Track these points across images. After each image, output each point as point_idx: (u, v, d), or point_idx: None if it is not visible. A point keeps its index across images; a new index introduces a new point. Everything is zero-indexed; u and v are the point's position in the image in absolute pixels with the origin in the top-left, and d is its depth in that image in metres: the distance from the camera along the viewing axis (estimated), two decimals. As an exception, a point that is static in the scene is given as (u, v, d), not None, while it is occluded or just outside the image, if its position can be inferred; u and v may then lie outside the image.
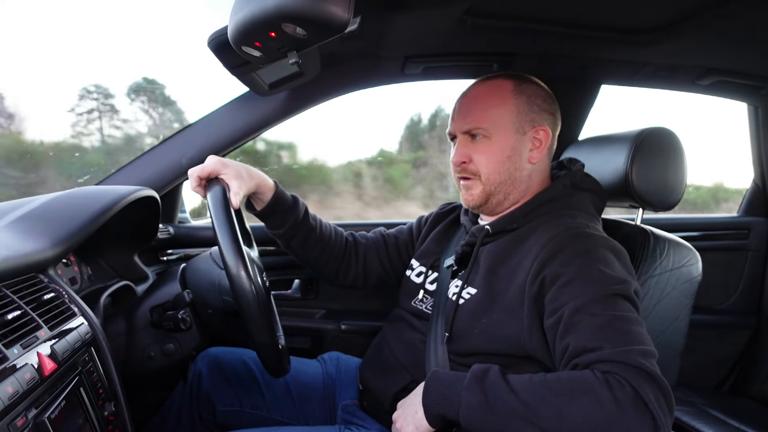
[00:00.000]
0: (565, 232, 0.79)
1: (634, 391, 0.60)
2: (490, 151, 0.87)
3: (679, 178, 0.99)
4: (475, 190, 0.90)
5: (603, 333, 0.66)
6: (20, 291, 0.63)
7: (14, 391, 0.50)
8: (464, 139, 0.90)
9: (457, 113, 0.91)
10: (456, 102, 0.94)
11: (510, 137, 0.87)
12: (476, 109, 0.88)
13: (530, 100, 0.88)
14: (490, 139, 0.87)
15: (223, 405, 1.01)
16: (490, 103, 0.88)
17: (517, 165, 0.88)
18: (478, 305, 0.82)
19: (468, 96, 0.91)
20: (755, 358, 1.60)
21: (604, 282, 0.71)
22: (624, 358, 0.63)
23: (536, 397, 0.64)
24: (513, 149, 0.88)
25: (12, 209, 0.81)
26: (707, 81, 1.31)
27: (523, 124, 0.88)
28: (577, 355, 0.67)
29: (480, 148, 0.88)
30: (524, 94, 0.88)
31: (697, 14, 0.94)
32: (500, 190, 0.89)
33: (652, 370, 0.62)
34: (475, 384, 0.69)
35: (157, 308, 0.93)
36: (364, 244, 1.11)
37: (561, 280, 0.73)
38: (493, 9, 0.96)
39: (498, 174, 0.88)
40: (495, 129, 0.87)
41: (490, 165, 0.88)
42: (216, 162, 0.86)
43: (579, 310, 0.69)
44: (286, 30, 0.63)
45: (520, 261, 0.81)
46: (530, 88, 0.89)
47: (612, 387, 0.61)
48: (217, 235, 0.73)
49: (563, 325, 0.70)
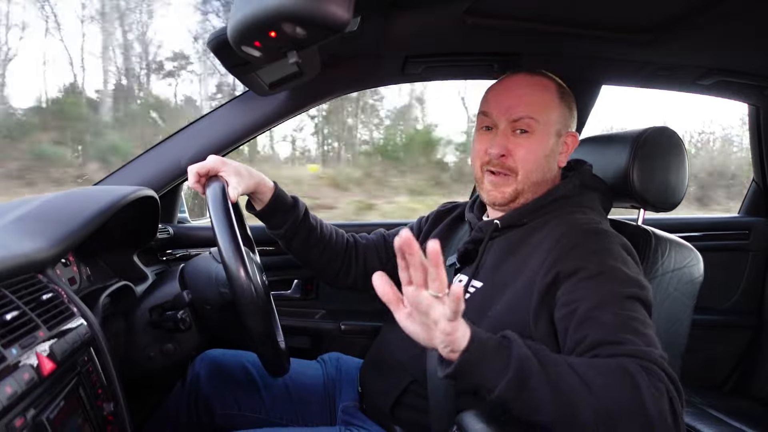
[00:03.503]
0: (580, 228, 0.79)
1: (664, 385, 0.60)
2: (533, 147, 0.86)
3: (681, 178, 0.99)
4: (507, 188, 0.87)
5: (622, 330, 0.65)
6: (19, 291, 0.63)
7: (13, 392, 0.50)
8: (506, 131, 0.86)
9: (500, 102, 0.87)
10: (491, 91, 0.91)
11: (551, 137, 0.87)
12: (527, 101, 0.86)
13: (569, 105, 0.90)
14: (534, 135, 0.85)
15: (222, 408, 1.01)
16: (539, 98, 0.87)
17: (551, 166, 0.89)
18: (484, 299, 0.82)
19: (513, 88, 0.88)
20: (756, 358, 1.59)
21: (623, 282, 0.70)
22: (648, 356, 0.62)
23: (583, 369, 0.60)
24: (551, 150, 0.88)
25: (11, 209, 0.81)
26: (708, 81, 1.31)
27: (562, 127, 0.88)
28: (596, 346, 0.65)
29: (522, 142, 0.85)
30: (566, 99, 0.89)
31: (698, 14, 0.93)
32: (530, 190, 0.88)
33: (671, 373, 0.62)
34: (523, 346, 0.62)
35: (156, 308, 0.93)
36: (364, 244, 1.10)
37: (580, 275, 0.71)
38: (493, 8, 0.96)
39: (535, 173, 0.87)
40: (542, 126, 0.86)
41: (530, 162, 0.86)
42: (216, 160, 0.86)
43: (597, 306, 0.67)
44: (285, 30, 0.63)
45: (530, 254, 0.80)
46: (568, 93, 0.91)
47: (648, 374, 0.59)
48: (216, 231, 0.72)
49: (579, 318, 0.68)
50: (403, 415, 0.89)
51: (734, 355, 1.65)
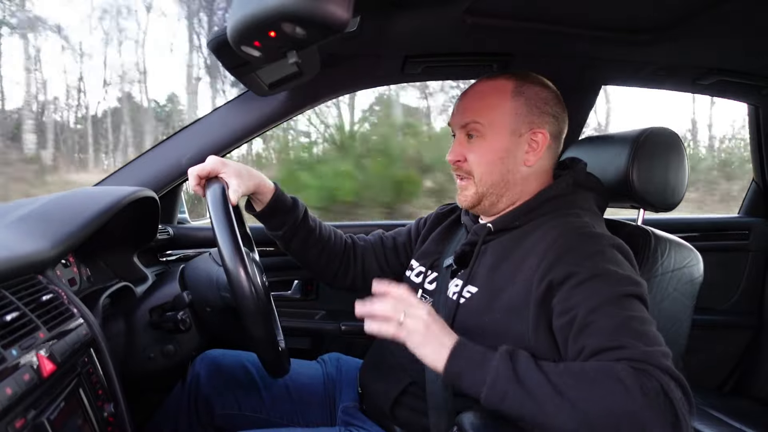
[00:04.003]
0: (573, 231, 0.78)
1: (662, 387, 0.59)
2: (483, 151, 0.87)
3: (680, 178, 0.99)
4: (469, 191, 0.89)
5: (622, 333, 0.65)
6: (19, 292, 0.63)
7: (13, 393, 0.50)
8: (461, 137, 0.89)
9: (456, 109, 0.91)
10: (458, 99, 0.93)
11: (504, 139, 0.86)
12: (474, 107, 0.88)
13: (530, 102, 0.86)
14: (484, 139, 0.86)
15: (222, 408, 1.01)
16: (487, 102, 0.87)
17: (509, 167, 0.87)
18: (480, 304, 0.82)
19: (468, 93, 0.91)
20: (756, 358, 1.59)
21: (617, 282, 0.70)
22: (648, 358, 0.62)
23: (563, 379, 0.62)
24: (507, 151, 0.86)
25: (12, 210, 0.81)
26: (707, 81, 1.31)
27: (520, 126, 0.86)
28: (595, 353, 0.65)
29: (474, 147, 0.87)
30: (523, 96, 0.86)
31: (697, 14, 0.93)
32: (492, 192, 0.88)
33: (675, 372, 0.62)
34: (507, 357, 0.67)
35: (156, 309, 0.93)
36: (362, 245, 1.11)
37: (572, 281, 0.71)
38: (492, 8, 0.96)
39: (490, 175, 0.87)
40: (490, 129, 0.86)
41: (482, 165, 0.87)
42: (216, 161, 0.86)
43: (593, 311, 0.67)
44: (285, 30, 0.63)
45: (524, 258, 0.80)
46: (532, 90, 0.87)
47: (640, 378, 0.60)
48: (216, 233, 0.72)
49: (578, 326, 0.68)
50: (402, 415, 0.89)
51: (734, 355, 1.65)
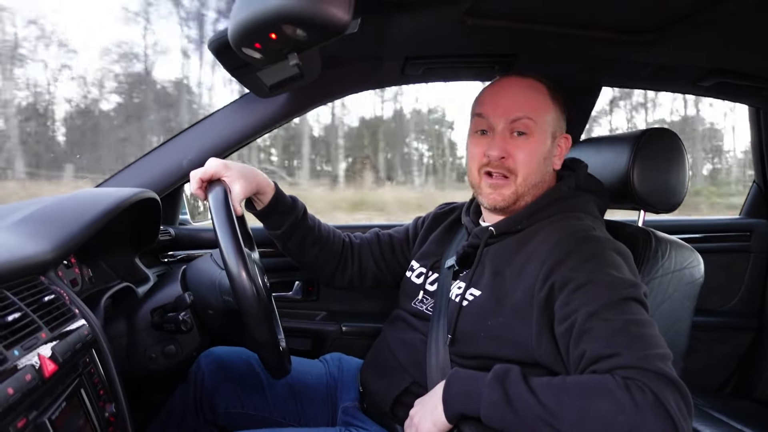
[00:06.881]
0: (573, 236, 0.79)
1: (655, 396, 0.59)
2: (532, 149, 0.85)
3: (681, 179, 0.99)
4: (507, 190, 0.86)
5: (619, 339, 0.65)
6: (21, 293, 0.63)
7: (15, 393, 0.50)
8: (504, 132, 0.86)
9: (497, 104, 0.87)
10: (486, 93, 0.90)
11: (547, 139, 0.87)
12: (520, 103, 0.85)
13: (561, 107, 0.90)
14: (532, 137, 0.85)
15: (225, 407, 1.01)
16: (536, 100, 0.87)
17: (548, 168, 0.89)
18: (484, 307, 0.82)
19: (508, 89, 0.88)
20: (757, 360, 1.59)
21: (615, 286, 0.70)
22: (643, 364, 0.62)
23: (555, 399, 0.64)
24: (548, 152, 0.88)
25: (13, 211, 0.81)
26: (708, 82, 1.31)
27: (556, 129, 0.89)
28: (593, 362, 0.66)
29: (521, 144, 0.85)
30: (558, 101, 0.90)
31: (697, 14, 0.93)
32: (529, 192, 0.87)
33: (671, 375, 0.62)
34: (497, 382, 0.68)
35: (158, 310, 0.93)
36: (359, 244, 1.11)
37: (571, 285, 0.72)
38: (493, 10, 0.96)
39: (534, 175, 0.86)
40: (538, 128, 0.85)
41: (530, 164, 0.85)
42: (218, 164, 0.86)
43: (592, 316, 0.68)
44: (286, 31, 0.63)
45: (526, 263, 0.80)
46: (559, 96, 0.90)
47: (632, 391, 0.60)
48: (218, 236, 0.73)
49: (576, 332, 0.69)
50: (403, 414, 0.89)
51: (735, 356, 1.64)
